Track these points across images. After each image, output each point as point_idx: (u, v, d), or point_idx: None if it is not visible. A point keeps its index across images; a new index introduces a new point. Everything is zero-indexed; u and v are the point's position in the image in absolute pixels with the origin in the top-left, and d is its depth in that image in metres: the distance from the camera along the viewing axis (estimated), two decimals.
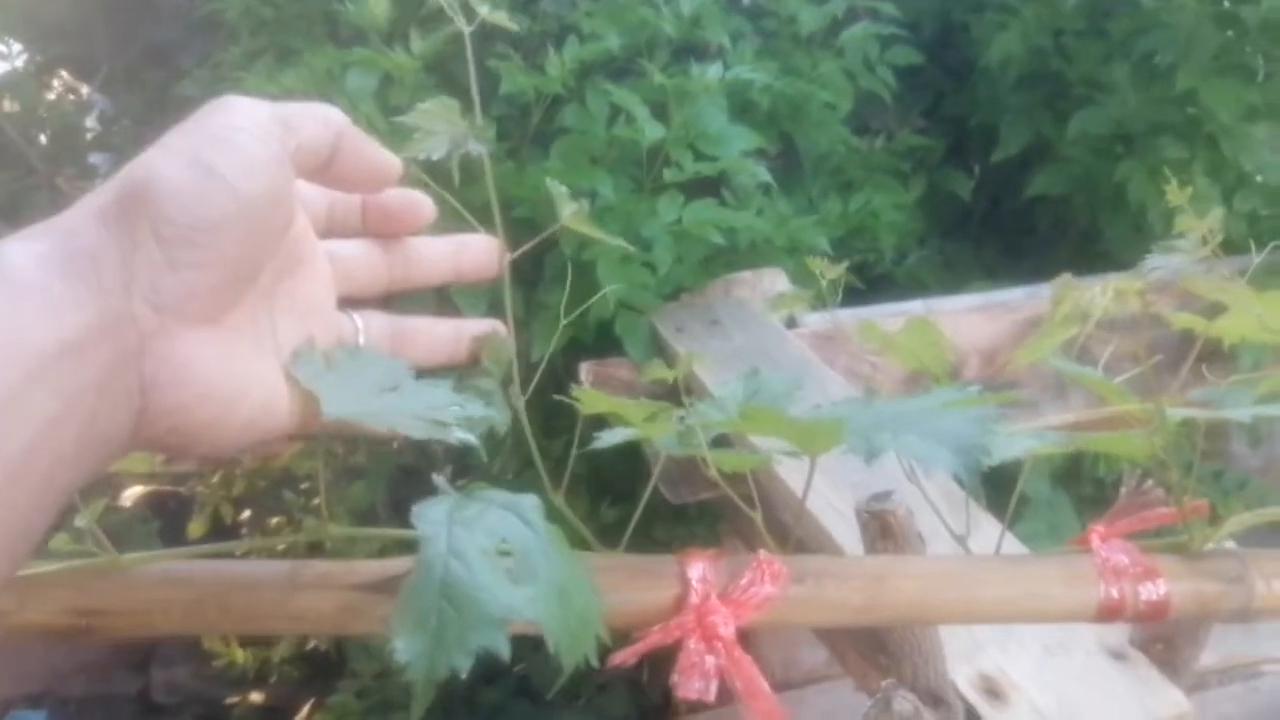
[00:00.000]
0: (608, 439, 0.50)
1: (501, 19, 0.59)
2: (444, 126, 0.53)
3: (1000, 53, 2.03)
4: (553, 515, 0.46)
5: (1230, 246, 2.03)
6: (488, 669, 2.55)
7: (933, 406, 0.45)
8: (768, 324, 1.73)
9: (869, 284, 2.15)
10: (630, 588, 0.48)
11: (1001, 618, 0.51)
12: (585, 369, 1.69)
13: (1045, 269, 2.11)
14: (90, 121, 2.60)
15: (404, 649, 0.36)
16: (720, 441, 0.54)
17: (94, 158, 2.58)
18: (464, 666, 0.36)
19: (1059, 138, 2.08)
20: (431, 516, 0.39)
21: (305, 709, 2.45)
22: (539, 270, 1.72)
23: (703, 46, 1.80)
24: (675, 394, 0.65)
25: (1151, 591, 0.52)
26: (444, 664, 0.36)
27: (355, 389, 0.45)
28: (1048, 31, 2.07)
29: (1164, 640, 1.09)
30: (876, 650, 1.00)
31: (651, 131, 1.59)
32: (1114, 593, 0.51)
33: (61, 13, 2.49)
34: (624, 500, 1.82)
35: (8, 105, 2.41)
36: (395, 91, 1.62)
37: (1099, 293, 0.67)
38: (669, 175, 1.61)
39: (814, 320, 1.81)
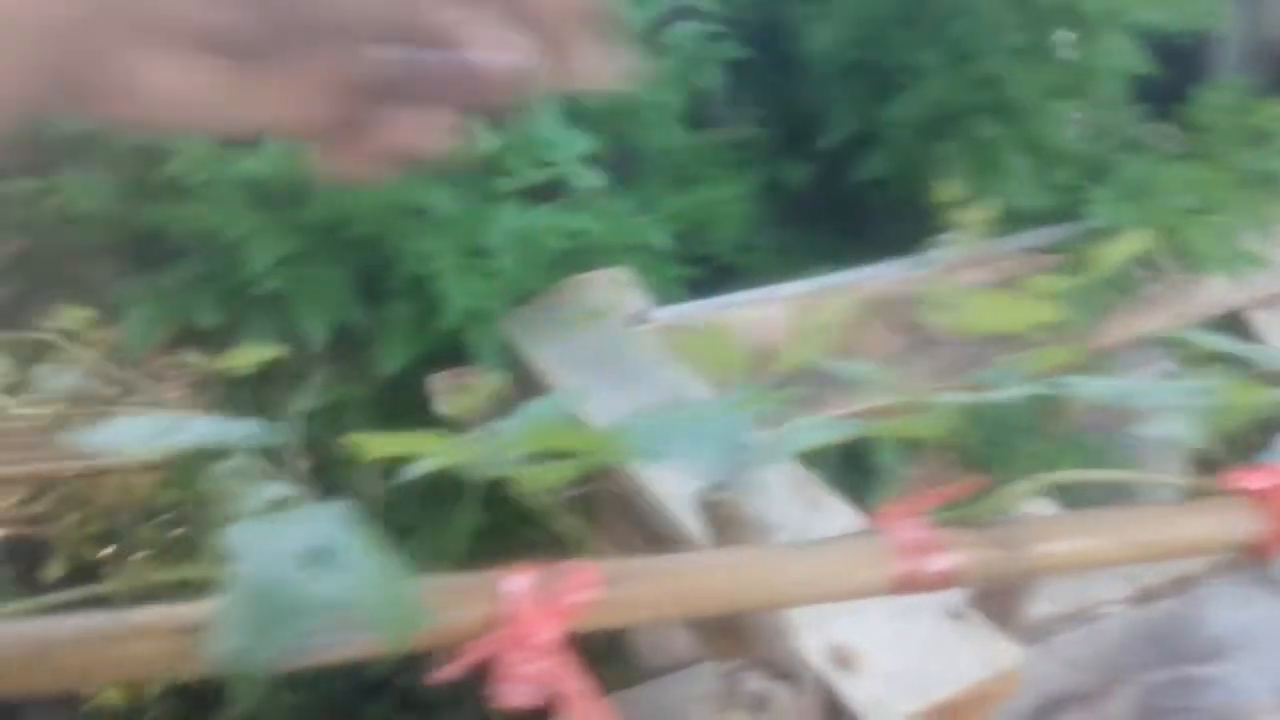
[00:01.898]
0: (413, 471, 0.52)
1: None
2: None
3: (819, 44, 2.11)
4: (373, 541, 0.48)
5: (1044, 218, 2.14)
6: (370, 685, 2.54)
7: (712, 410, 0.48)
8: (615, 324, 1.76)
9: (714, 275, 2.20)
10: (445, 606, 0.50)
11: (804, 600, 0.55)
12: (434, 381, 1.70)
13: (885, 248, 2.20)
14: None
15: (222, 650, 0.38)
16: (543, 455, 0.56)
17: None
18: (290, 651, 0.38)
19: (884, 122, 2.16)
20: (240, 532, 0.41)
21: None
22: (382, 286, 1.72)
23: None
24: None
25: (939, 563, 0.56)
26: (262, 657, 0.38)
27: (144, 434, 0.46)
28: (865, 21, 2.16)
29: (996, 595, 1.17)
30: (729, 631, 1.04)
31: (486, 142, 1.60)
32: (905, 567, 0.56)
33: None
34: (487, 506, 1.84)
35: None
36: None
37: (841, 304, 0.71)
38: (503, 184, 1.63)
39: (663, 315, 1.86)
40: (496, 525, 1.68)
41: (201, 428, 0.50)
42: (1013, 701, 1.63)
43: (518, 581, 0.51)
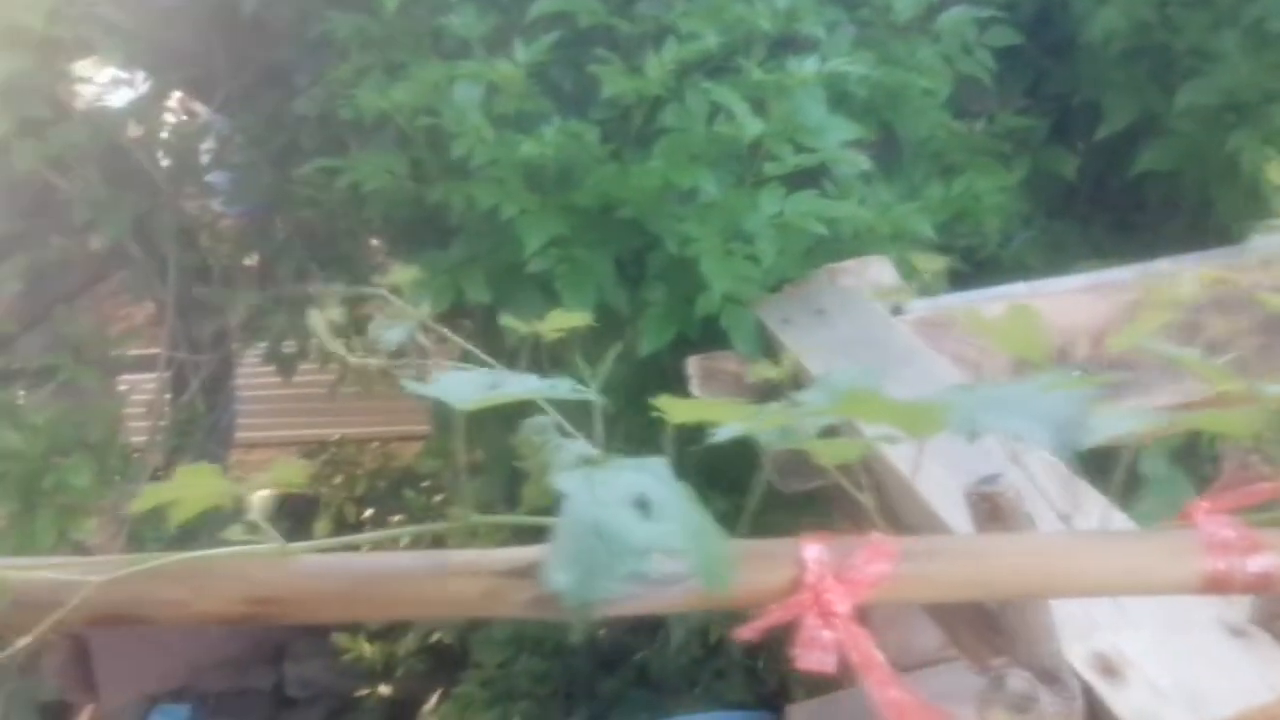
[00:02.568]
0: (721, 435, 0.54)
1: None
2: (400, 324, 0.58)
3: (1102, 27, 2.01)
4: None
5: None
6: (607, 659, 2.61)
7: (1034, 389, 0.47)
8: (873, 312, 1.74)
9: (975, 267, 2.14)
10: (750, 569, 0.52)
11: (1105, 591, 0.53)
12: (692, 364, 1.72)
13: (1156, 246, 2.08)
14: (208, 143, 2.72)
15: (561, 579, 0.41)
16: (827, 432, 0.57)
17: (212, 177, 2.71)
18: (614, 592, 0.40)
19: (1166, 111, 2.04)
20: (572, 479, 0.44)
21: (432, 699, 2.54)
22: (642, 268, 1.76)
23: (799, 40, 1.82)
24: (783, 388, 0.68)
25: (1259, 564, 0.53)
26: (598, 590, 0.40)
27: (470, 388, 0.49)
28: (1151, 3, 2.04)
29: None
30: (990, 630, 1.01)
31: (751, 127, 1.62)
32: (1220, 565, 0.53)
33: (180, 39, 2.61)
34: (734, 490, 1.85)
35: (132, 130, 2.53)
36: (500, 100, 1.68)
37: (1189, 281, 0.67)
38: (769, 169, 1.64)
39: (920, 306, 1.82)
40: (736, 507, 1.70)
41: (525, 383, 0.53)
42: None
43: (818, 550, 0.52)
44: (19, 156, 2.44)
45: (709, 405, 0.54)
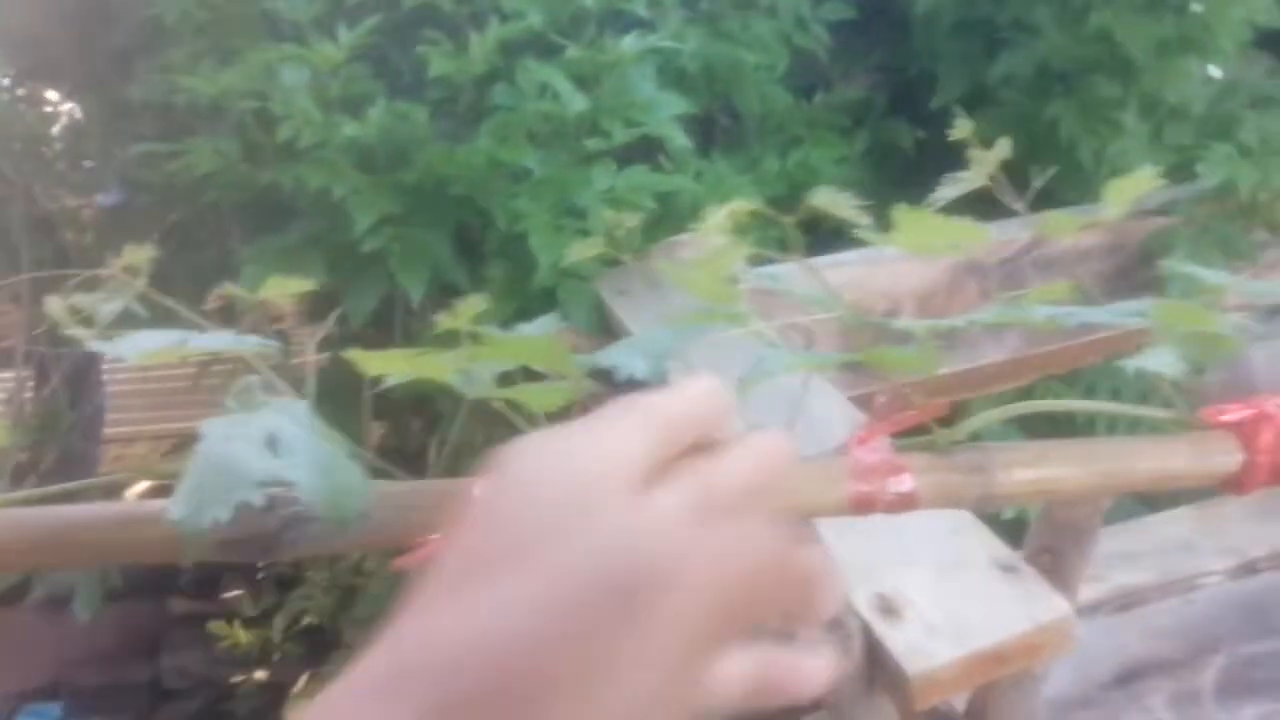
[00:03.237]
0: (391, 381, 0.57)
1: None
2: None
3: (928, 2, 2.08)
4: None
5: (1162, 176, 2.08)
6: None
7: (669, 333, 0.52)
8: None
9: (819, 239, 2.20)
10: (426, 507, 0.55)
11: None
12: None
13: (994, 214, 2.16)
14: (58, 129, 2.67)
15: (175, 508, 0.44)
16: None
17: (62, 164, 2.66)
18: (224, 517, 0.43)
19: (994, 82, 2.12)
20: (213, 423, 0.47)
21: (302, 681, 2.54)
22: (480, 245, 1.78)
23: (629, 18, 1.85)
24: None
25: (901, 485, 0.58)
26: (207, 516, 0.43)
27: (155, 343, 0.52)
28: None
29: (1050, 552, 1.16)
30: None
31: (575, 103, 1.65)
32: (865, 488, 0.58)
33: (26, 24, 2.56)
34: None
35: None
36: (330, 83, 1.69)
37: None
38: (592, 145, 1.67)
39: (753, 276, 1.87)
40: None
41: (213, 339, 0.56)
42: (1093, 668, 1.61)
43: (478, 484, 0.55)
44: None
45: (393, 355, 0.57)
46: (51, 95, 2.76)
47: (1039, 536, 1.18)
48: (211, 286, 0.77)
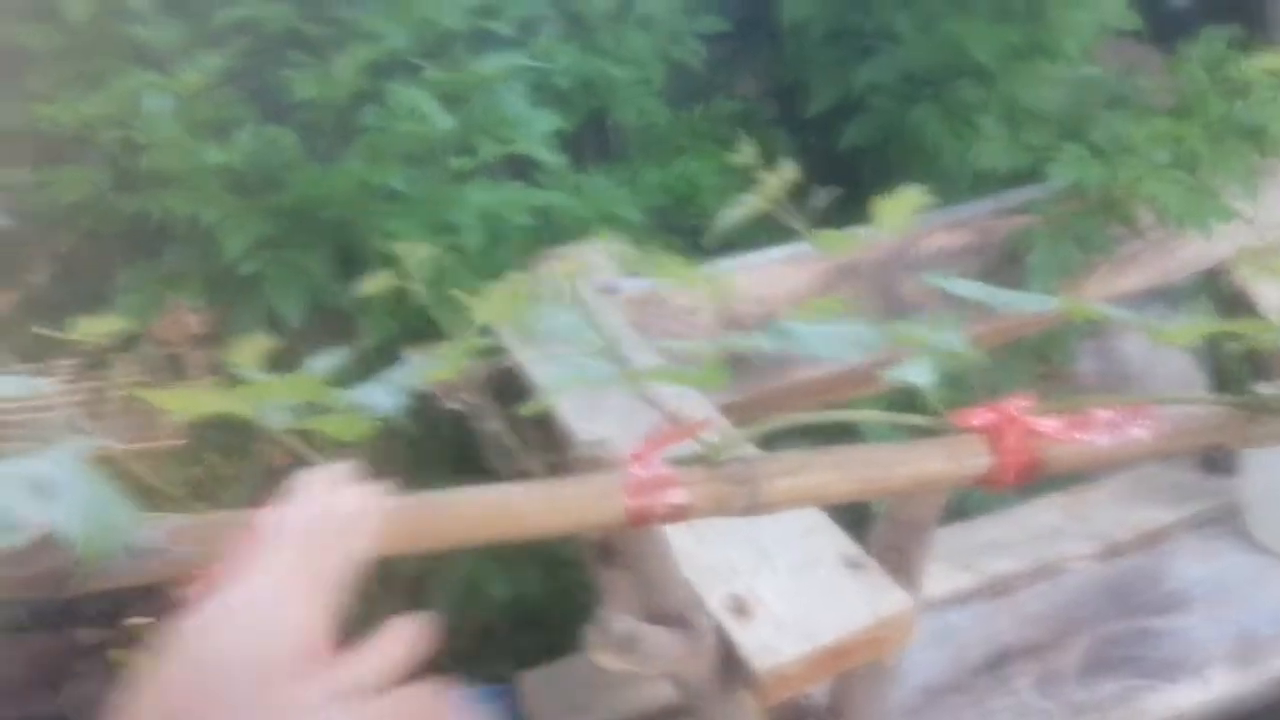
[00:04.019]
0: (182, 418, 0.59)
1: None
2: None
3: (792, 14, 2.13)
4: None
5: (1020, 178, 2.15)
6: None
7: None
8: (583, 296, 1.82)
9: (701, 248, 2.25)
10: (211, 538, 0.57)
11: (547, 531, 0.61)
12: (412, 356, 1.77)
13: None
14: None
15: None
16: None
17: None
18: None
19: (862, 89, 2.19)
20: None
21: None
22: (358, 266, 1.79)
23: (499, 36, 1.88)
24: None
25: (672, 497, 0.62)
26: None
27: None
28: None
29: (896, 549, 1.21)
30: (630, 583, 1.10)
31: (443, 123, 1.67)
32: (639, 502, 0.61)
33: None
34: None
35: None
36: (195, 108, 1.69)
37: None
38: (458, 164, 1.70)
39: (630, 286, 1.91)
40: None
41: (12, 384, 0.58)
42: (965, 654, 1.67)
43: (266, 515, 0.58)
44: None
45: (185, 394, 0.59)
46: None
47: (883, 533, 1.23)
48: (95, 313, 0.78)
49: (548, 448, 1.43)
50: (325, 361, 0.62)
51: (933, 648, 1.68)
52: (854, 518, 1.31)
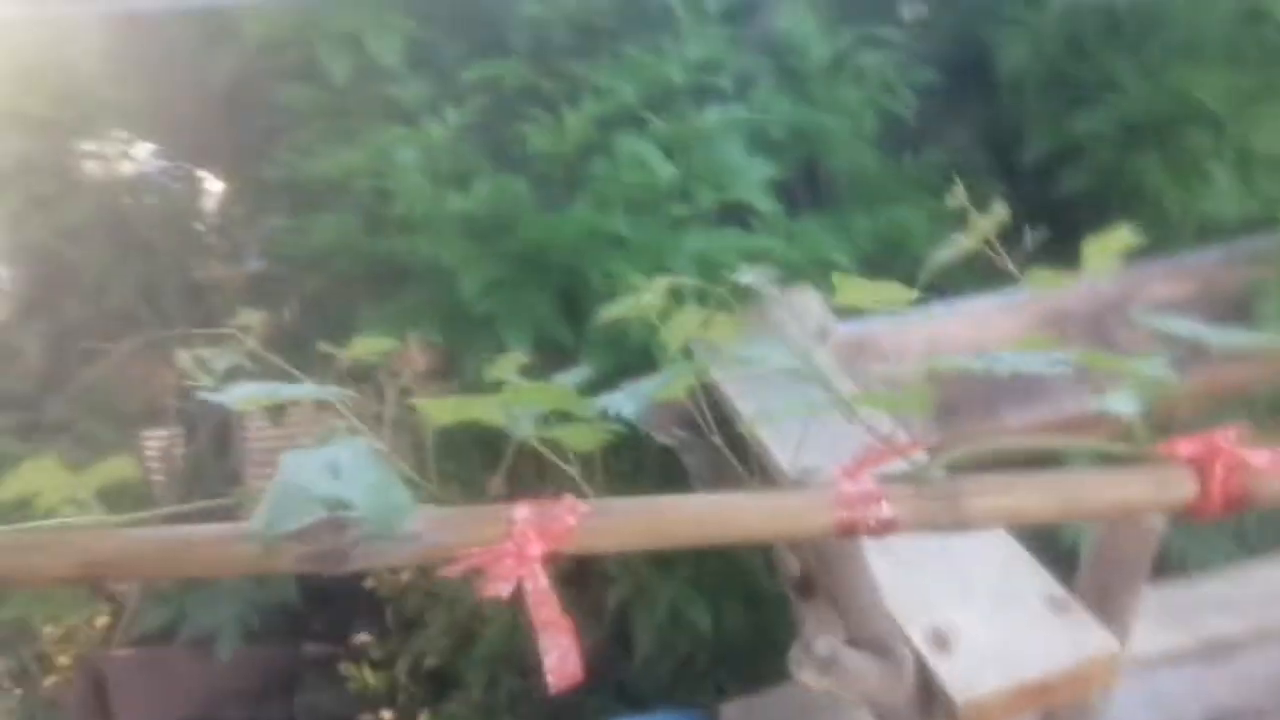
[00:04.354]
0: (438, 423, 0.68)
1: None
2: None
3: (1011, 66, 2.14)
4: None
5: (1251, 227, 2.09)
6: (591, 680, 2.72)
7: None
8: (794, 339, 1.87)
9: (919, 292, 2.27)
10: (470, 527, 0.66)
11: (759, 538, 0.67)
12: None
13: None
14: (208, 205, 2.93)
15: (255, 522, 0.55)
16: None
17: (211, 237, 2.91)
18: (292, 528, 0.55)
19: (1082, 136, 2.17)
20: (288, 456, 0.59)
21: (424, 718, 2.68)
22: (581, 306, 1.91)
23: (719, 90, 1.97)
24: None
25: (880, 511, 0.67)
26: (280, 527, 0.55)
27: (252, 394, 0.64)
28: (1060, 37, 2.17)
29: (1103, 589, 1.20)
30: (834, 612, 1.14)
31: (665, 172, 1.77)
32: (849, 514, 0.66)
33: (178, 113, 2.81)
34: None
35: (136, 198, 2.73)
36: (444, 157, 1.84)
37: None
38: (677, 210, 1.79)
39: (844, 331, 1.95)
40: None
41: (297, 389, 0.68)
42: (1180, 713, 1.62)
43: (525, 510, 0.66)
44: (30, 229, 2.66)
45: (448, 403, 0.68)
46: (201, 174, 3.02)
47: (1091, 572, 1.22)
48: (340, 346, 0.90)
49: (755, 479, 1.49)
50: (570, 376, 0.70)
51: (1142, 711, 1.63)
52: (1055, 555, 1.31)
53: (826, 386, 0.71)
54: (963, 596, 1.20)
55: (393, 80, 1.90)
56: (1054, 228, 2.44)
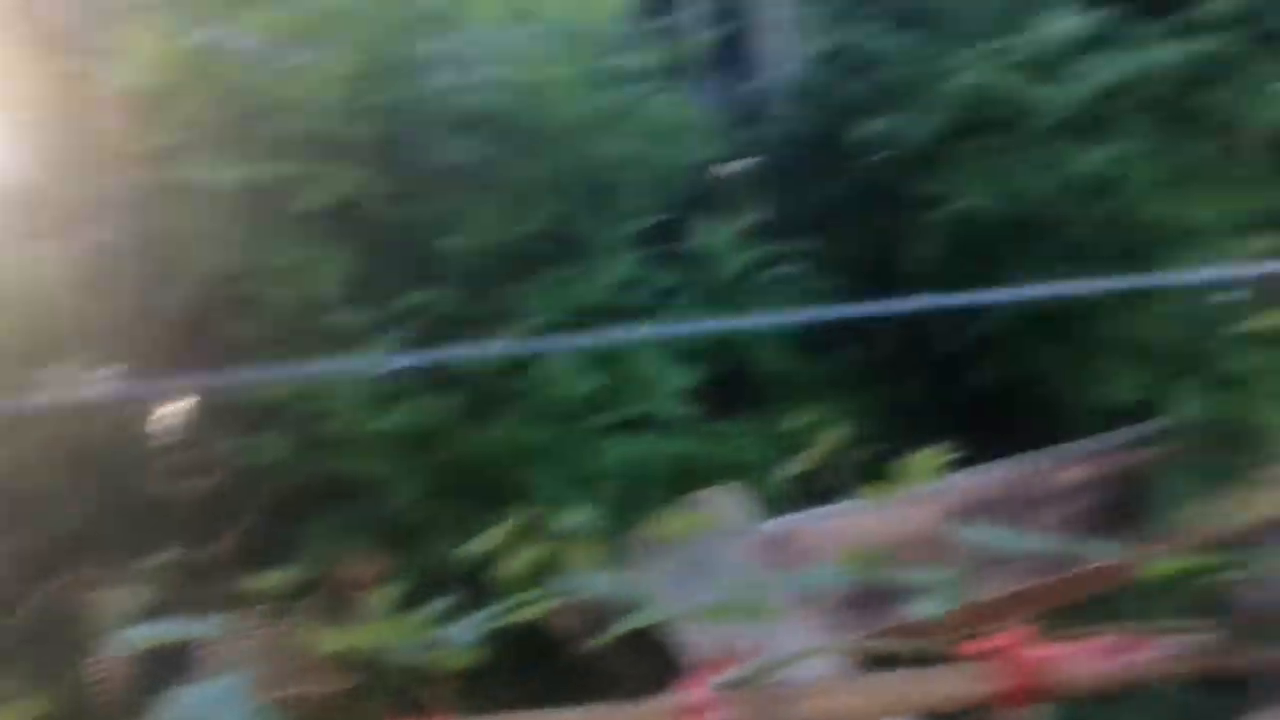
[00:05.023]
0: (325, 649, 0.75)
1: None
2: None
3: (916, 266, 2.31)
4: None
5: (1145, 412, 2.16)
6: None
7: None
8: (715, 537, 1.95)
9: (840, 486, 2.35)
10: None
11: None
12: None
13: (1001, 453, 2.30)
14: (162, 423, 3.00)
15: None
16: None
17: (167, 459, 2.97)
18: None
19: (991, 330, 2.31)
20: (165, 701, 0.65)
21: None
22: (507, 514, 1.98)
23: (639, 304, 2.10)
24: None
25: (714, 717, 0.73)
26: None
27: None
28: (956, 242, 2.34)
29: None
30: None
31: (585, 385, 1.88)
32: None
33: (144, 332, 2.91)
34: None
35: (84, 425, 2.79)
36: (381, 385, 1.95)
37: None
38: (597, 421, 1.88)
39: (766, 527, 2.03)
40: None
41: (185, 626, 0.75)
42: None
43: None
44: None
45: (335, 633, 0.75)
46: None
47: None
48: (275, 565, 0.96)
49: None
50: (445, 603, 0.77)
51: None
52: None
53: (651, 604, 0.78)
54: None
55: (331, 310, 2.01)
56: (969, 415, 2.57)
